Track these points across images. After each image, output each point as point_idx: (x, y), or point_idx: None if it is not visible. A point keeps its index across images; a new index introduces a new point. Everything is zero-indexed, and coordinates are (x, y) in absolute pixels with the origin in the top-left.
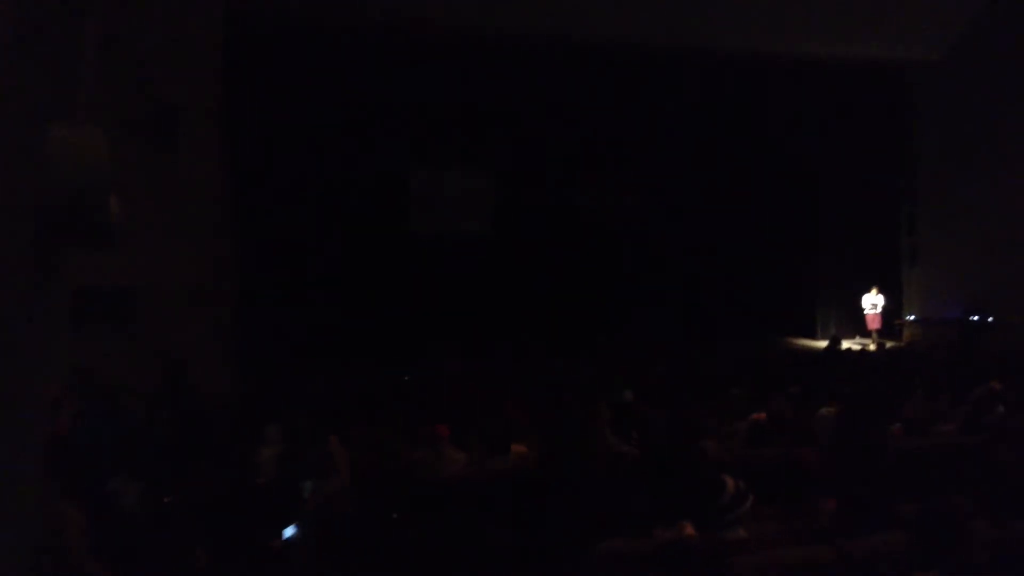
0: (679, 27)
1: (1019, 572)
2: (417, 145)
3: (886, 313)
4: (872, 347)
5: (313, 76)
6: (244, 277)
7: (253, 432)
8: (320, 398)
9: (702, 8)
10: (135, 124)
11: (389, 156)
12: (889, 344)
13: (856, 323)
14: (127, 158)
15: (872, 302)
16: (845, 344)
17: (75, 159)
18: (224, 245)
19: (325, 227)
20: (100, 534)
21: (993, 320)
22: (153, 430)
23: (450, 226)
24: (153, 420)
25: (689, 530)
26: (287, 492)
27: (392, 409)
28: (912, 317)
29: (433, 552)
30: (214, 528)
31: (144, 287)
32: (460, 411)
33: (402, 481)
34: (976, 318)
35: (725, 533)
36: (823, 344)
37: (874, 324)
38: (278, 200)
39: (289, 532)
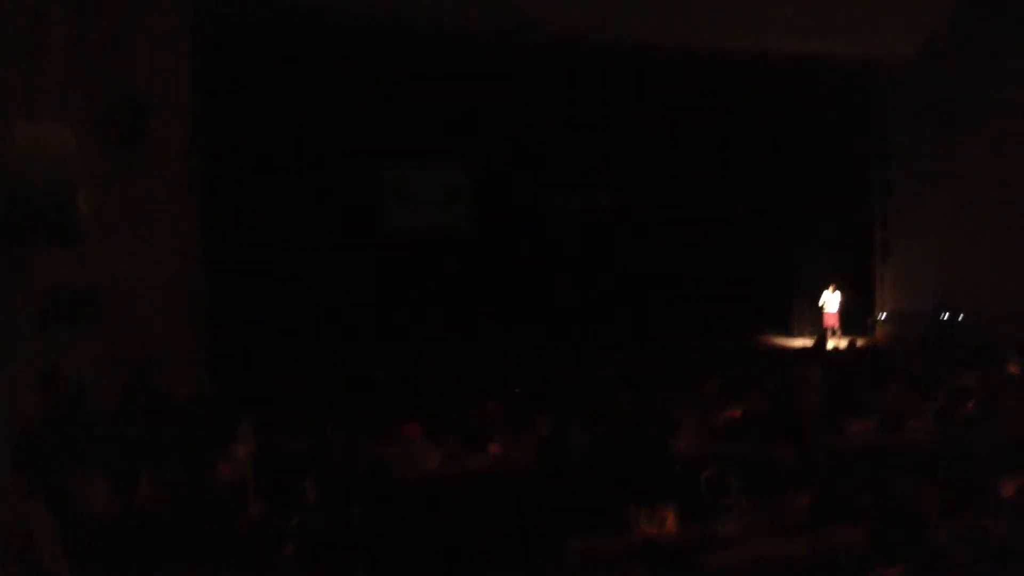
0: (651, 24)
1: (986, 565)
2: (391, 141)
3: (855, 309)
4: (841, 344)
5: (286, 73)
6: (215, 274)
7: (225, 429)
8: (293, 395)
9: (674, 4)
10: (104, 119)
11: (363, 152)
12: (861, 341)
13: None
14: (96, 154)
15: (828, 300)
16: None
17: (44, 157)
18: (194, 241)
19: (298, 223)
20: (69, 533)
21: (965, 315)
22: (122, 428)
23: (424, 222)
24: (122, 418)
25: (671, 522)
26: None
27: (366, 407)
28: (885, 314)
29: (407, 550)
30: (185, 527)
31: (112, 284)
32: (436, 408)
33: (375, 479)
34: (948, 314)
35: (718, 527)
36: (798, 342)
37: (831, 322)
38: (250, 196)
39: None
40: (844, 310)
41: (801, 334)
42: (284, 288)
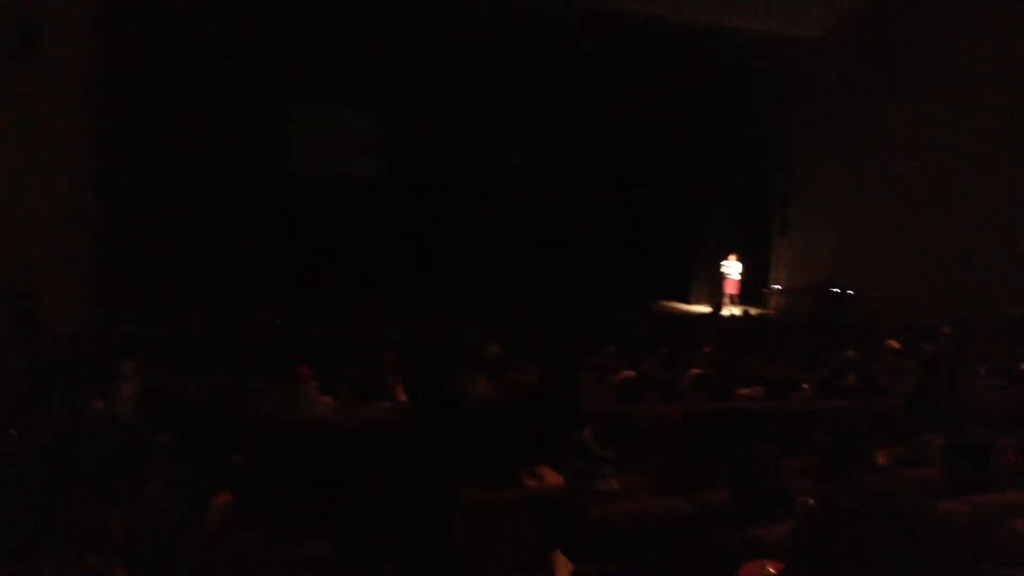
0: None
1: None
2: (299, 80)
3: (751, 281)
4: (736, 312)
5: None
6: (109, 204)
7: (110, 366)
8: (184, 336)
9: None
10: None
11: (270, 89)
12: (754, 311)
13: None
14: None
15: (729, 268)
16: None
17: None
18: (88, 168)
19: (198, 157)
20: None
21: (852, 292)
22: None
23: (330, 166)
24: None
25: (551, 477)
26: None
27: (259, 351)
28: (778, 286)
29: (288, 499)
30: (59, 465)
31: None
32: (332, 356)
33: (260, 423)
34: (838, 289)
35: (598, 484)
36: (695, 308)
37: (731, 289)
38: (149, 125)
39: None
40: (742, 279)
41: (699, 301)
42: (181, 225)
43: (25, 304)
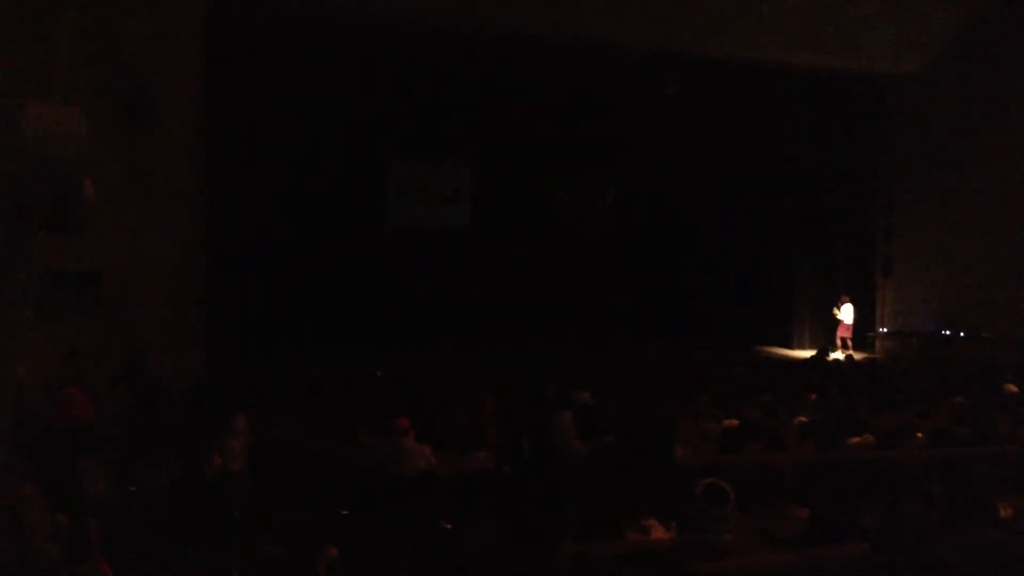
0: (663, 30)
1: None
2: (396, 136)
3: (858, 324)
4: (841, 356)
5: (294, 64)
6: (216, 263)
7: (221, 421)
8: (289, 389)
9: (686, 12)
10: (110, 104)
11: (368, 146)
12: (860, 356)
13: (831, 333)
14: (101, 139)
15: (844, 311)
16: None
17: (52, 139)
18: (197, 230)
19: (301, 216)
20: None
21: (964, 334)
22: (115, 416)
23: (427, 218)
24: (115, 405)
25: (658, 532)
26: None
27: (361, 402)
28: (885, 329)
29: (387, 549)
30: (177, 519)
31: (113, 270)
32: (432, 406)
33: (365, 475)
34: (948, 332)
35: (712, 537)
36: (798, 353)
37: (844, 333)
38: (254, 186)
39: None
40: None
41: (801, 346)
42: (287, 280)
43: (137, 361)
